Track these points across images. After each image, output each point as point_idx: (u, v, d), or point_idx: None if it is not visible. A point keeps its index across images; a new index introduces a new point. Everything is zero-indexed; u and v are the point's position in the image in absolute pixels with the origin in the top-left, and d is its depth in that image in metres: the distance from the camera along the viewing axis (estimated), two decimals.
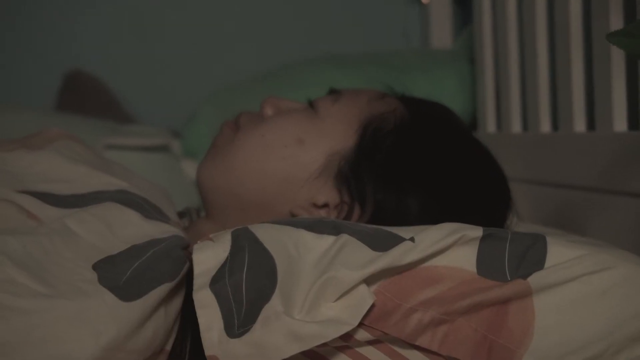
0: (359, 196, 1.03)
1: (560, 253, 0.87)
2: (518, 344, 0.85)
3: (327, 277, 0.86)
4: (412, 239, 0.88)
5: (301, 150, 1.06)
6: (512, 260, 0.87)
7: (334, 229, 0.90)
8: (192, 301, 0.87)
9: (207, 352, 0.85)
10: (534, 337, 0.85)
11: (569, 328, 0.85)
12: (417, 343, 0.86)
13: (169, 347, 0.89)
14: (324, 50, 1.97)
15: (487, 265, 0.87)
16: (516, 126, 1.56)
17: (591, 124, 1.32)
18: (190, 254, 0.90)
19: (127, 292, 0.84)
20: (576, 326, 0.85)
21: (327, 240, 0.89)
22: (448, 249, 0.88)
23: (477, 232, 0.89)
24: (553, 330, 0.85)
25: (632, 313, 0.85)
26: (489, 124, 1.67)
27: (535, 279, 0.86)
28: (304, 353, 0.87)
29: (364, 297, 0.86)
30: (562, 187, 1.34)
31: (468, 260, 0.87)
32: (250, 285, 0.86)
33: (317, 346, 0.86)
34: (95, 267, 0.86)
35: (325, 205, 1.05)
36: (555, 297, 0.86)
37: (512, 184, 1.13)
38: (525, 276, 0.86)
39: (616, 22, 1.19)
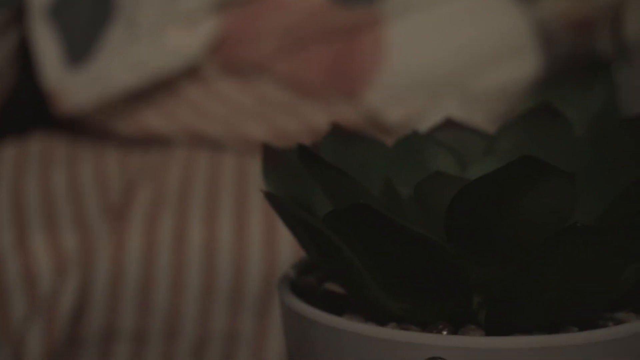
0: None
1: None
2: (369, 69, 0.83)
3: (171, 3, 0.83)
4: None
5: None
6: None
7: None
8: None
9: (46, 86, 0.80)
10: (386, 62, 0.83)
11: (423, 49, 0.83)
12: (266, 68, 0.84)
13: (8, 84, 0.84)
14: None
15: None
16: None
17: None
18: None
19: None
20: (430, 47, 0.83)
21: None
22: None
23: None
24: (405, 54, 0.83)
25: (488, 32, 0.84)
26: None
27: (386, 5, 0.84)
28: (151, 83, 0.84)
29: (210, 24, 0.83)
30: None
31: None
32: (89, 13, 0.82)
33: (166, 76, 0.83)
34: None
35: None
36: (408, 22, 0.84)
37: None
38: (376, 2, 0.84)
39: None
